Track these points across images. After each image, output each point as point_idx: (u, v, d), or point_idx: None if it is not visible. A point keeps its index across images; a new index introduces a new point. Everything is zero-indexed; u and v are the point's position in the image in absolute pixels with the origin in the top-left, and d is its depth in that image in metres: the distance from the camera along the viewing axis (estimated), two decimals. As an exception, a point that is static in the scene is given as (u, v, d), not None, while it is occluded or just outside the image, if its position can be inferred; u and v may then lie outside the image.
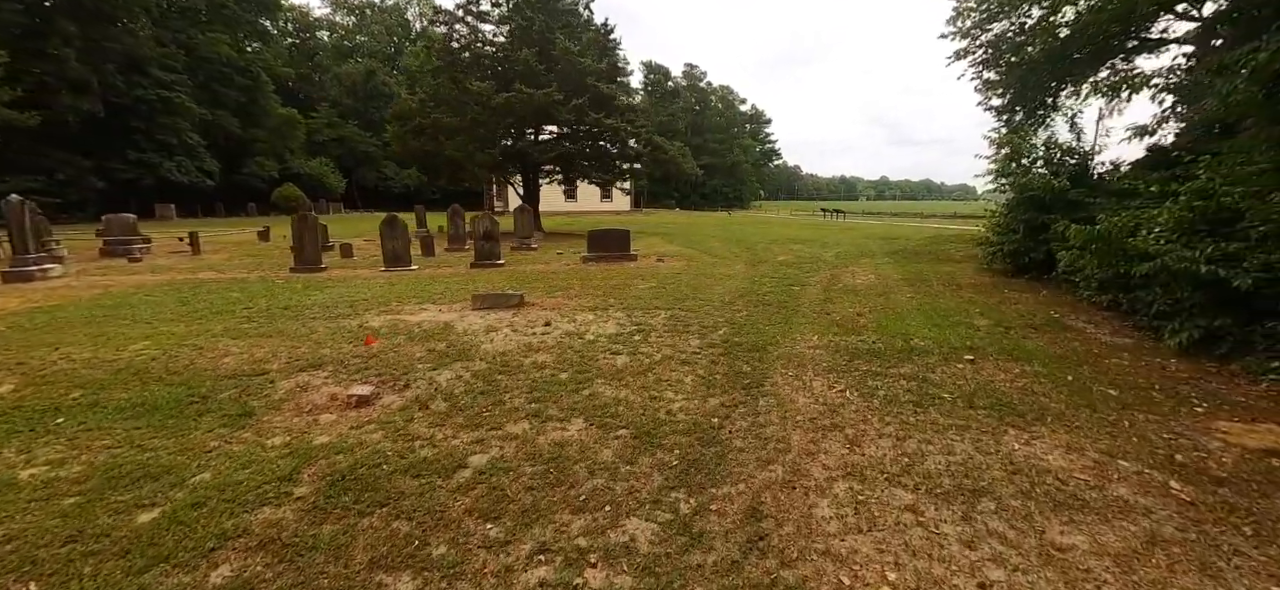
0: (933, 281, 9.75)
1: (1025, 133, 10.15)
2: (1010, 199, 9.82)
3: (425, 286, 9.14)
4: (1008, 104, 17.85)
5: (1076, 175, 8.92)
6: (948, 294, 8.60)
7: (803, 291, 8.84)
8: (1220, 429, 3.68)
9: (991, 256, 10.49)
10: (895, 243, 17.04)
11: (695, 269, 11.07)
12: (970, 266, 11.48)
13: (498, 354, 5.37)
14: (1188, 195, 6.05)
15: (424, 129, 17.45)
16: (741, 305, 7.75)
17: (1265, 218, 4.66)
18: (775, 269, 11.28)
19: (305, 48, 64.56)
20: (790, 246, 15.86)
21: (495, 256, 11.40)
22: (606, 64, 19.39)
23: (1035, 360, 5.18)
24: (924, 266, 11.52)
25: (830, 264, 12.10)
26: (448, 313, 7.14)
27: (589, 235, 11.85)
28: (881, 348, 5.59)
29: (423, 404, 4.17)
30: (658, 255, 13.10)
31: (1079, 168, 8.98)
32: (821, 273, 10.86)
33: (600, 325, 6.54)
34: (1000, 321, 6.77)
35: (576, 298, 8.16)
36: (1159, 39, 15.91)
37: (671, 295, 8.33)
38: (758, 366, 5.06)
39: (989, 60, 16.63)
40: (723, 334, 6.18)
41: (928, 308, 7.55)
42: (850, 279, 10.11)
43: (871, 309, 7.51)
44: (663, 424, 3.81)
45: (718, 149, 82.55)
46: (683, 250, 14.61)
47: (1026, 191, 9.13)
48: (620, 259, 11.64)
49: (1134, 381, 4.62)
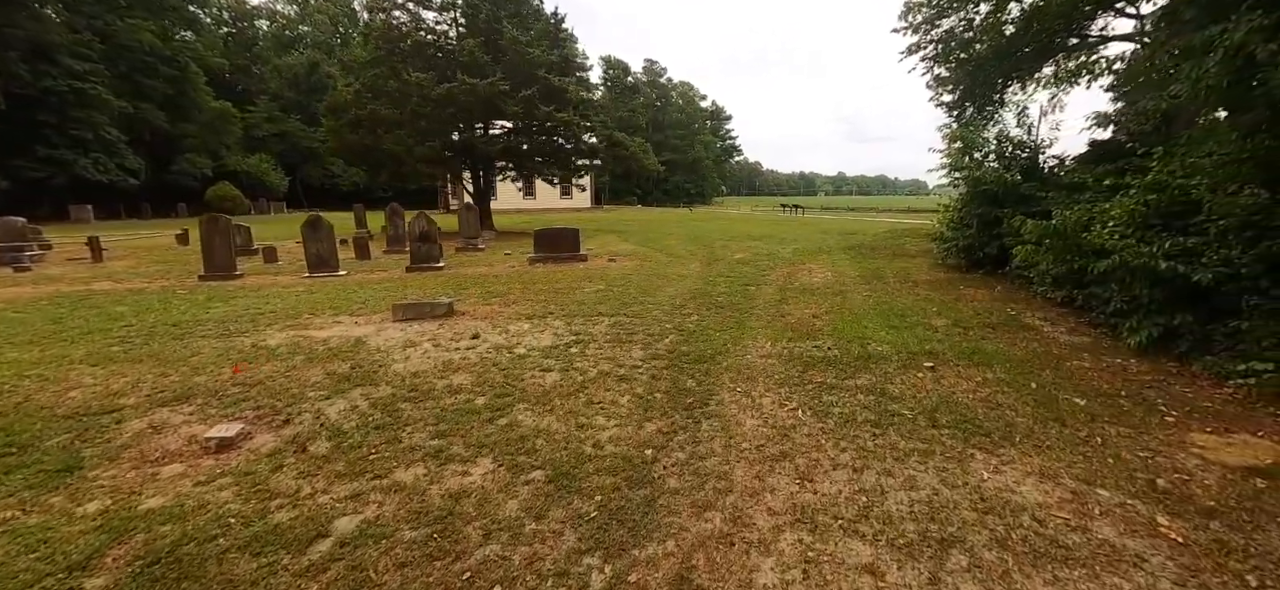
0: (889, 278, 9.52)
1: (977, 126, 10.01)
2: (963, 193, 9.69)
3: (348, 295, 8.27)
4: (958, 100, 18.07)
5: (1028, 169, 8.83)
6: (904, 292, 8.35)
7: (758, 292, 8.43)
8: (1196, 443, 3.38)
9: (946, 252, 10.37)
10: (852, 238, 16.98)
11: (648, 269, 10.54)
12: (925, 262, 11.37)
13: (409, 375, 4.68)
14: (1141, 189, 5.90)
15: (361, 122, 16.27)
16: (692, 309, 7.25)
17: (1226, 211, 4.45)
18: (731, 268, 10.88)
19: (243, 38, 60.82)
20: (748, 243, 15.54)
21: (433, 259, 10.56)
22: (558, 56, 18.62)
23: (996, 364, 4.86)
24: (880, 263, 11.34)
25: (787, 261, 11.79)
26: (364, 326, 6.36)
27: (536, 235, 11.15)
28: (837, 355, 5.17)
29: (300, 446, 3.46)
30: (610, 255, 12.51)
31: (1030, 161, 8.89)
32: (778, 271, 10.51)
33: (535, 336, 5.91)
34: (958, 321, 6.49)
35: (514, 304, 7.49)
36: (1099, 37, 16.36)
37: (619, 299, 7.76)
38: (704, 381, 4.54)
39: (940, 55, 16.73)
40: (669, 343, 5.65)
41: (885, 307, 7.23)
42: (807, 277, 9.78)
43: (827, 310, 7.14)
44: (587, 460, 3.23)
45: (679, 145, 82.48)
46: (637, 249, 14.07)
47: (979, 186, 8.99)
48: (570, 260, 10.99)
49: (1099, 387, 4.33)
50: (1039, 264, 6.59)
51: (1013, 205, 8.74)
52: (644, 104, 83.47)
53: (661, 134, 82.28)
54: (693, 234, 18.66)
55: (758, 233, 19.27)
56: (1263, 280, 4.24)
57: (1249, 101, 3.69)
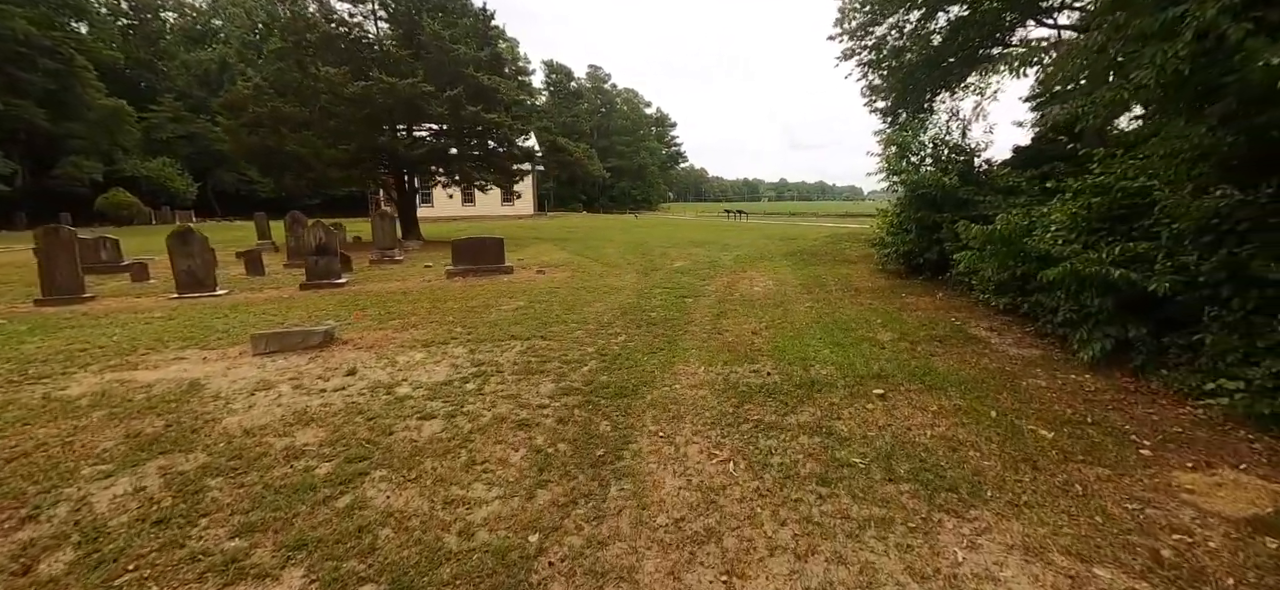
0: (831, 286, 9.11)
1: (914, 129, 9.82)
2: (902, 197, 9.43)
3: (213, 321, 6.95)
4: (891, 107, 18.34)
5: (964, 172, 8.64)
6: (847, 301, 7.90)
7: (695, 305, 7.76)
8: (1183, 486, 2.89)
9: (886, 258, 10.11)
10: (794, 243, 16.79)
11: (578, 281, 9.69)
12: (866, 267, 11.12)
13: (241, 435, 3.62)
14: (1085, 192, 5.62)
15: (261, 121, 14.55)
16: (621, 327, 6.47)
17: (1184, 214, 4.11)
18: (669, 277, 10.20)
19: (146, 30, 55.43)
20: (690, 250, 14.99)
21: (333, 274, 9.28)
22: (487, 54, 17.49)
23: (950, 388, 4.34)
24: (822, 269, 10.99)
25: (728, 269, 11.25)
26: (212, 363, 5.17)
27: (455, 246, 10.05)
28: (778, 381, 4.51)
29: (25, 565, 2.40)
30: (540, 266, 11.56)
31: (966, 165, 8.72)
32: (718, 280, 9.92)
33: (427, 369, 4.94)
34: (903, 333, 6.03)
35: (415, 328, 6.45)
36: (1020, 47, 16.96)
37: (539, 318, 6.87)
38: (621, 423, 3.75)
39: (873, 62, 16.86)
40: (588, 372, 4.83)
41: (828, 320, 6.71)
42: (747, 287, 9.23)
43: (768, 324, 6.54)
44: (444, 561, 2.36)
45: (624, 151, 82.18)
46: (572, 258, 13.19)
47: (917, 189, 8.72)
48: (493, 272, 9.98)
49: (1062, 413, 3.86)
50: (982, 270, 6.23)
51: (951, 209, 8.52)
52: (588, 110, 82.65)
53: (607, 140, 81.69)
54: (634, 241, 17.96)
55: (701, 239, 18.81)
56: (1223, 289, 3.90)
57: (1217, 90, 3.32)
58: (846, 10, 16.59)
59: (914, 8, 15.37)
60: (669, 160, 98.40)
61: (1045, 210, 6.34)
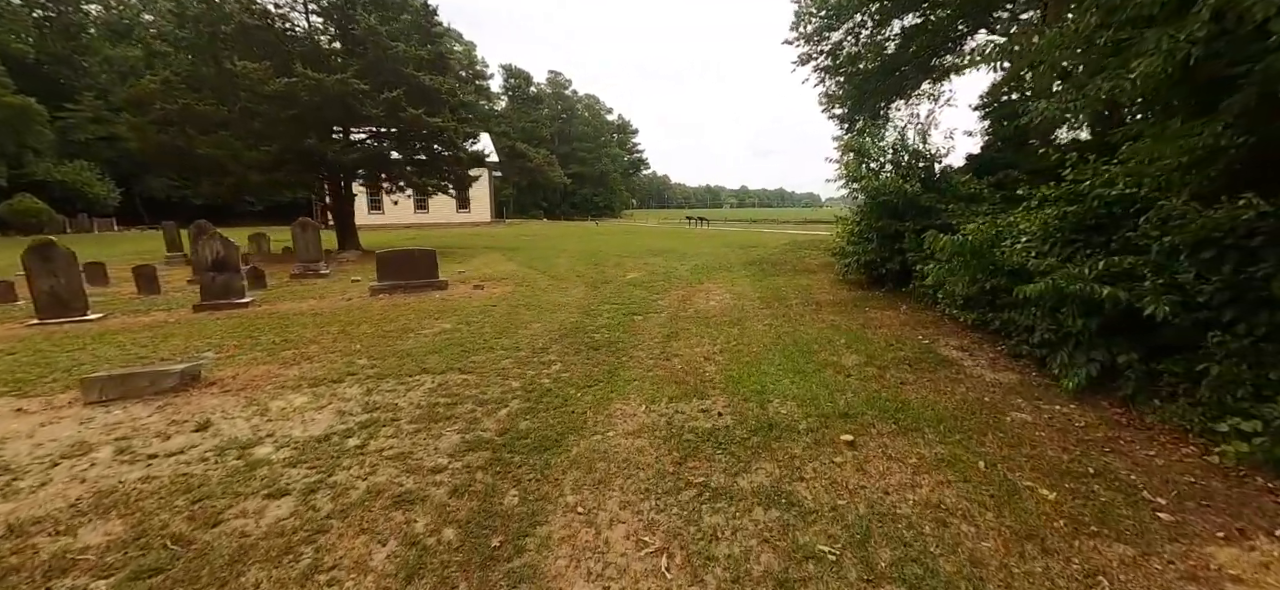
0: (791, 299, 8.55)
1: (872, 134, 9.41)
2: (863, 205, 8.99)
3: (62, 354, 5.77)
4: (848, 113, 18.22)
5: (927, 179, 8.24)
6: (808, 317, 7.33)
7: (645, 324, 7.02)
8: (1226, 571, 2.31)
9: (847, 267, 9.64)
10: (753, 251, 16.33)
11: (519, 297, 8.81)
12: (826, 278, 10.67)
13: (4, 533, 2.65)
14: (1060, 199, 5.19)
15: (171, 119, 13.03)
16: (557, 353, 5.67)
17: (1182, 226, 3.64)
18: (620, 291, 9.44)
19: (65, 23, 51.12)
20: (646, 260, 14.29)
21: (234, 293, 8.11)
22: (431, 52, 16.41)
23: (928, 428, 3.73)
24: (782, 281, 10.47)
25: (684, 281, 10.58)
26: (28, 415, 4.08)
27: (380, 259, 9.01)
28: (730, 425, 3.81)
29: None
30: (479, 280, 10.61)
31: (928, 171, 8.32)
32: (673, 293, 9.23)
33: (305, 418, 4.01)
34: (870, 356, 5.46)
35: (310, 360, 5.46)
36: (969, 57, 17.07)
37: (462, 344, 5.98)
38: (533, 492, 2.96)
39: (830, 68, 16.66)
40: (506, 416, 4.01)
41: (788, 340, 6.09)
42: (703, 301, 8.57)
43: (723, 347, 5.86)
44: None
45: (586, 158, 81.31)
46: (519, 270, 12.27)
47: (879, 197, 8.27)
48: (424, 288, 8.99)
49: (1058, 461, 3.29)
50: (951, 284, 5.73)
51: (913, 218, 8.10)
52: (549, 115, 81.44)
53: (568, 146, 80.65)
54: (589, 250, 17.14)
55: (659, 247, 18.16)
56: (1227, 312, 3.42)
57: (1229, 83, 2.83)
58: (802, 14, 16.33)
59: (867, 14, 15.22)
60: (631, 167, 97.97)
61: (1012, 219, 5.92)
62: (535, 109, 77.91)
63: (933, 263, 5.97)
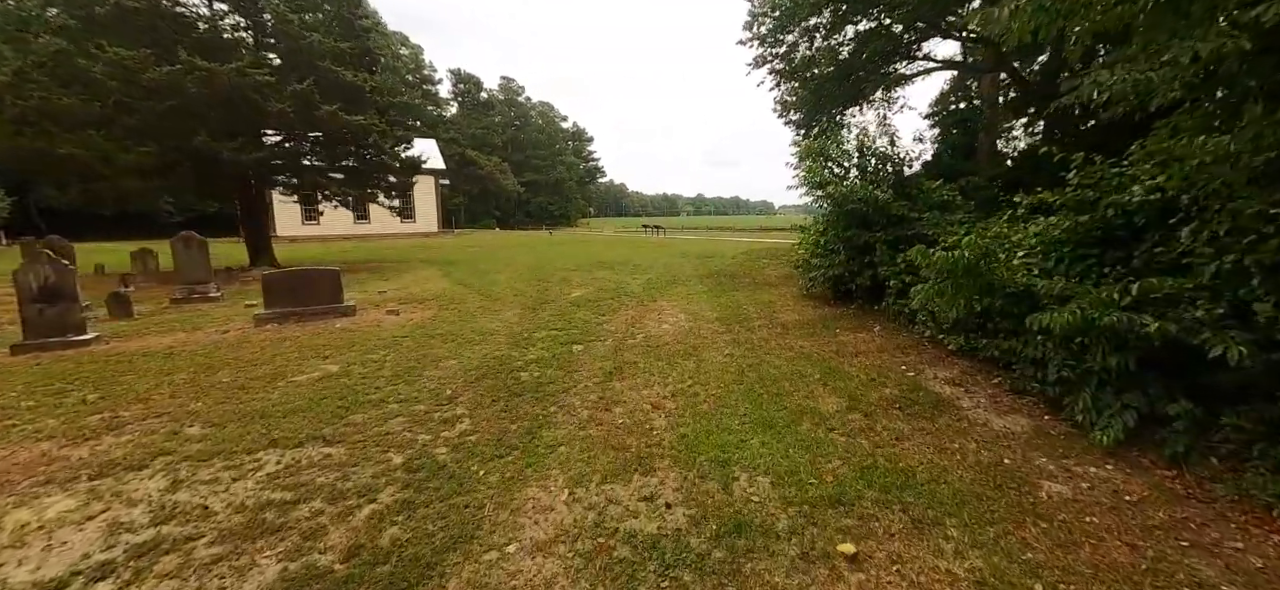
0: (753, 319, 7.61)
1: (835, 135, 8.65)
2: (828, 213, 8.17)
3: None
4: (804, 119, 17.74)
5: (898, 185, 7.49)
6: (774, 342, 6.38)
7: (584, 357, 5.89)
8: None
9: (812, 282, 8.81)
10: (710, 262, 15.47)
11: (440, 324, 7.48)
12: (789, 292, 9.84)
13: None
14: (1068, 206, 4.42)
15: (27, 117, 10.94)
16: (468, 403, 4.46)
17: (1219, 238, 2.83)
18: (562, 312, 8.26)
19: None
20: (596, 273, 13.14)
21: (72, 328, 6.44)
22: (353, 46, 14.81)
23: (947, 517, 2.76)
24: (741, 296, 9.55)
25: (635, 298, 9.51)
26: None
27: (265, 282, 7.44)
28: (682, 529, 2.72)
29: None
30: (397, 303, 9.18)
31: (897, 176, 7.58)
32: (621, 314, 8.14)
33: (50, 542, 2.66)
34: (852, 397, 4.52)
35: (116, 431, 4.02)
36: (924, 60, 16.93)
37: (343, 397, 4.66)
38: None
39: (785, 72, 16.08)
40: (366, 521, 2.80)
41: (753, 377, 5.09)
42: (655, 324, 7.51)
43: (676, 390, 4.80)
44: None
45: (541, 165, 79.65)
46: (450, 289, 10.87)
47: (846, 204, 7.45)
48: (324, 315, 7.53)
49: (1131, 569, 2.37)
50: (945, 308, 4.88)
51: (885, 227, 7.32)
52: (502, 122, 79.26)
53: (521, 154, 78.74)
54: (536, 264, 15.84)
55: (612, 259, 17.06)
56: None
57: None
58: (756, 15, 15.71)
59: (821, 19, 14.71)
60: (587, 175, 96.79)
61: (999, 230, 5.16)
62: (486, 115, 75.70)
63: (918, 282, 5.11)
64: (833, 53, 15.72)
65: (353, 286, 11.28)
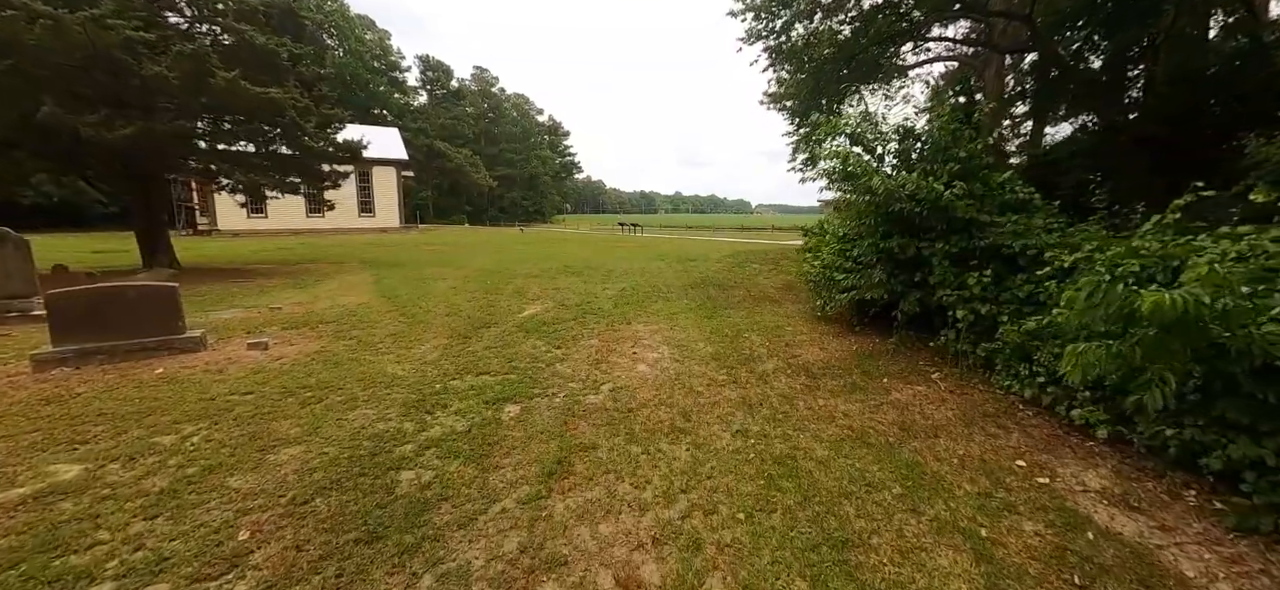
0: (763, 357, 5.59)
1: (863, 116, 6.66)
2: (861, 213, 6.17)
3: None
4: (801, 106, 15.84)
5: (967, 172, 5.47)
6: (805, 407, 4.35)
7: (515, 432, 3.76)
8: None
9: (826, 300, 6.81)
10: (694, 267, 13.43)
11: (313, 371, 5.16)
12: (796, 311, 7.86)
13: None
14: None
15: None
16: (271, 563, 2.31)
17: None
18: (501, 344, 6.10)
19: None
20: (560, 281, 10.97)
21: None
22: (268, 6, 12.30)
23: None
24: (738, 317, 7.53)
25: (605, 318, 7.40)
26: None
27: (51, 305, 4.99)
28: None
29: None
30: (282, 327, 6.86)
31: (966, 168, 5.58)
32: (583, 345, 6.02)
33: None
34: (982, 553, 2.51)
35: None
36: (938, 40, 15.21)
37: (15, 561, 2.46)
38: None
39: (781, 51, 14.12)
40: None
41: (792, 497, 3.03)
42: (628, 364, 5.41)
43: (662, 524, 2.71)
44: None
45: (515, 160, 76.73)
46: (366, 305, 8.55)
47: (890, 203, 5.46)
48: (148, 352, 5.17)
49: None
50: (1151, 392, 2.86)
51: (944, 236, 5.35)
52: (474, 114, 75.96)
53: (495, 147, 75.73)
54: (492, 268, 13.57)
55: (582, 262, 14.88)
56: None
57: None
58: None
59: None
60: (563, 170, 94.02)
61: (1163, 248, 3.23)
62: (456, 105, 72.36)
63: (1074, 345, 3.12)
64: (834, 33, 13.87)
65: (245, 298, 8.89)
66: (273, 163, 12.23)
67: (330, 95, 13.89)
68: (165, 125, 9.72)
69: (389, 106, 64.88)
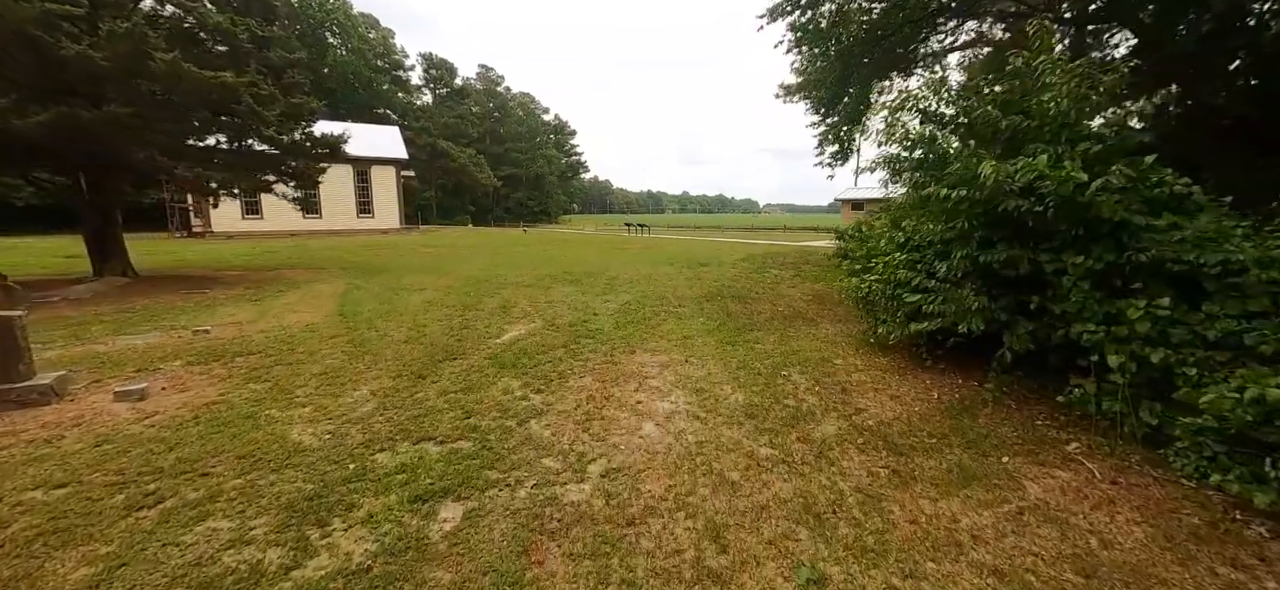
0: (815, 412, 4.07)
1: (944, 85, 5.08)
2: (950, 209, 4.60)
3: None
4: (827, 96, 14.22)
5: (1103, 154, 3.90)
6: (893, 499, 2.83)
7: (443, 568, 2.27)
8: None
9: (891, 327, 5.25)
10: (707, 273, 11.90)
11: (187, 437, 3.70)
12: (839, 333, 6.33)
13: None
14: None
15: None
16: None
17: None
18: (462, 389, 4.61)
19: None
20: (553, 292, 9.49)
21: None
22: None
23: None
24: (770, 342, 6.00)
25: (602, 343, 5.91)
26: None
27: None
28: None
29: None
30: (188, 360, 5.44)
31: (1116, 142, 3.97)
32: (570, 390, 4.53)
33: None
34: None
35: None
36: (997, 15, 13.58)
37: None
38: None
39: (808, 26, 12.53)
40: None
41: None
42: (629, 422, 3.91)
43: None
44: None
45: (520, 159, 75.35)
46: (313, 326, 7.10)
47: (997, 197, 3.89)
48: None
49: None
50: None
51: (1083, 244, 3.79)
52: (479, 113, 74.67)
53: (500, 147, 74.41)
54: (480, 275, 12.10)
55: (583, 267, 13.38)
56: None
57: None
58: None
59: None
60: (569, 170, 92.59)
61: None
62: (460, 104, 71.12)
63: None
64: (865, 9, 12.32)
65: (180, 316, 7.47)
66: (224, 157, 10.82)
67: (303, 83, 12.47)
68: (92, 113, 8.33)
69: (393, 105, 63.85)
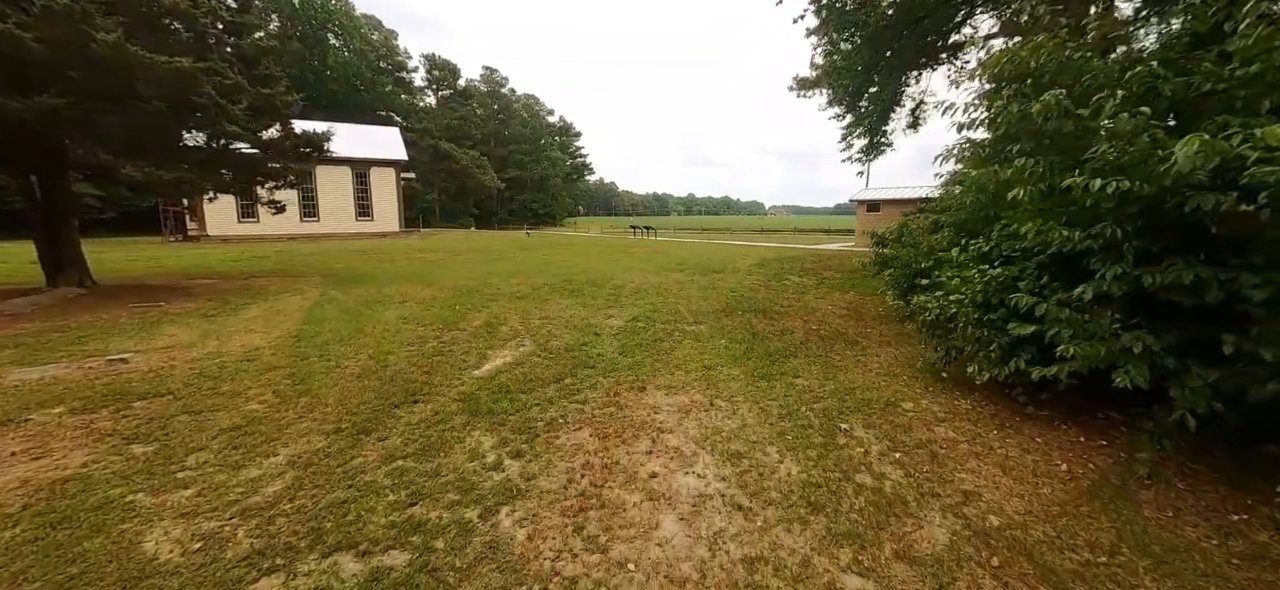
0: (908, 501, 2.88)
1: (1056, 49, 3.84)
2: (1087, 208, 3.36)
3: None
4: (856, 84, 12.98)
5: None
6: None
7: None
8: None
9: (984, 364, 4.02)
10: (722, 282, 10.69)
11: (9, 537, 2.62)
12: (896, 361, 5.12)
13: None
14: None
15: None
16: None
17: None
18: (416, 446, 3.45)
19: None
20: (549, 305, 8.31)
21: None
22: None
23: None
24: (812, 376, 4.79)
25: (605, 375, 4.73)
26: None
27: None
28: None
29: None
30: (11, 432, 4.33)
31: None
32: (558, 451, 3.35)
33: None
34: None
35: None
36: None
37: None
38: None
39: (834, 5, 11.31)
40: None
41: None
42: (638, 518, 2.73)
43: None
44: None
45: (524, 161, 74.39)
46: (261, 346, 5.92)
47: (1179, 192, 2.67)
48: None
49: None
50: None
51: None
52: (483, 115, 73.74)
53: (504, 149, 73.47)
54: (473, 284, 10.94)
55: (584, 276, 12.17)
56: None
57: None
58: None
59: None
60: (574, 172, 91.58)
61: None
62: (463, 105, 70.22)
63: None
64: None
65: (109, 338, 6.33)
66: (194, 157, 9.72)
67: (279, 75, 11.36)
68: (20, 104, 7.23)
69: (395, 107, 63.09)
